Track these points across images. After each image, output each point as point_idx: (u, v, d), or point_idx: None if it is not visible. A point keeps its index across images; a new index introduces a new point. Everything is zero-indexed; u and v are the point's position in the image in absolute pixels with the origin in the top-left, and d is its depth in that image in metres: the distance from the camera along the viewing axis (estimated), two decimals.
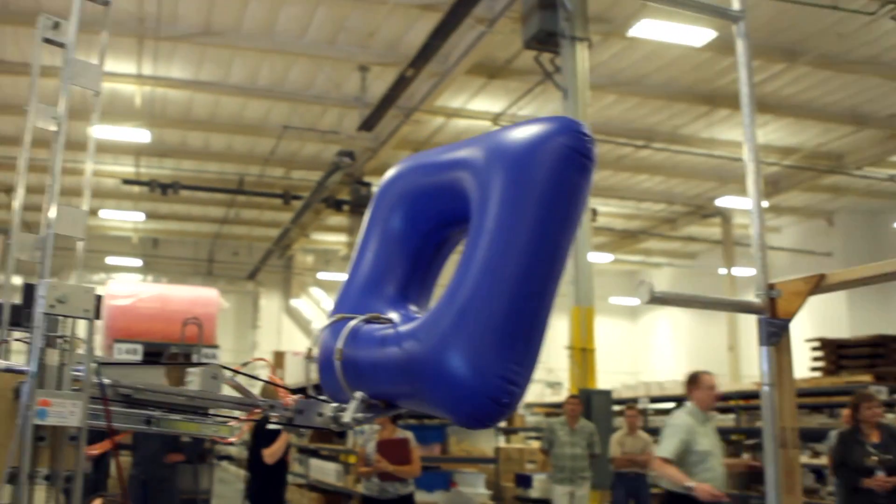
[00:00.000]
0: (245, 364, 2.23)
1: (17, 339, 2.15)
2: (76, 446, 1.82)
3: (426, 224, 2.35)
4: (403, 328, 2.12)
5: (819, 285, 2.38)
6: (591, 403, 8.46)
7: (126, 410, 1.93)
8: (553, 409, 14.91)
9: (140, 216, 19.22)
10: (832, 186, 16.67)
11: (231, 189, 16.42)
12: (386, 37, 11.27)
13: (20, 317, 2.20)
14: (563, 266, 2.02)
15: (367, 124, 12.31)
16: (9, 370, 1.81)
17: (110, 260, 20.92)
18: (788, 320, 2.40)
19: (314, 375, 2.30)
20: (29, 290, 1.86)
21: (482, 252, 1.97)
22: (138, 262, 21.64)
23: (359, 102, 12.52)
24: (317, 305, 20.88)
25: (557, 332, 10.92)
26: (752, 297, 2.53)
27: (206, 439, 7.37)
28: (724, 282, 18.63)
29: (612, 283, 22.56)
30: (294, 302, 21.60)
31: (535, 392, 21.46)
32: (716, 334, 19.47)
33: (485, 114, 13.30)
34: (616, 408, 9.76)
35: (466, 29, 10.34)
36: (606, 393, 8.98)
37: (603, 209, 17.64)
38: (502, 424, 16.25)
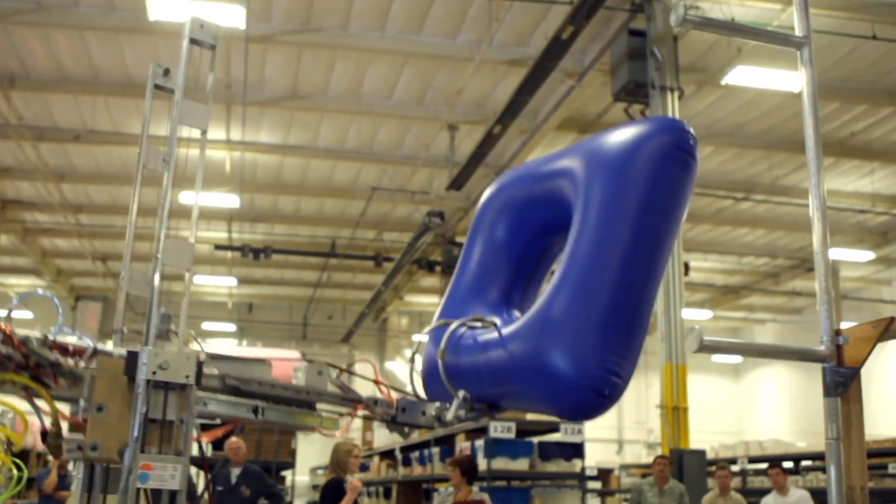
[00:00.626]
0: (350, 364, 2.16)
1: None
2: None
3: (529, 232, 2.42)
4: (506, 330, 2.14)
5: (889, 330, 2.15)
6: (683, 464, 8.07)
7: (235, 400, 1.95)
8: (646, 470, 14.35)
9: (233, 281, 19.54)
10: None
11: (323, 252, 16.52)
12: (473, 95, 11.20)
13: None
14: (665, 262, 2.00)
15: (457, 183, 12.20)
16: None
17: (206, 325, 21.29)
18: (857, 368, 2.20)
19: (417, 378, 2.34)
20: (132, 358, 1.80)
21: (583, 249, 1.98)
22: (233, 328, 21.95)
23: (448, 162, 12.45)
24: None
25: (655, 391, 10.52)
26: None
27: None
28: None
29: None
30: (389, 364, 21.50)
31: (633, 453, 20.70)
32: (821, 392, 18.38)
33: None
34: (711, 468, 9.27)
35: (555, 83, 10.18)
36: (700, 453, 8.51)
37: (703, 265, 17.06)
38: (597, 485, 15.76)
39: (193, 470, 6.15)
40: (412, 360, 2.33)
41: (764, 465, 11.40)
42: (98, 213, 15.42)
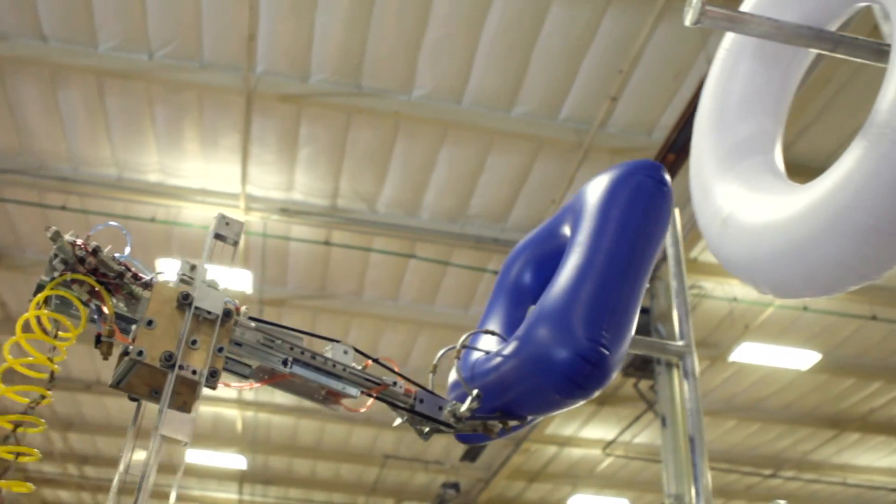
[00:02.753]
0: (377, 359, 2.25)
1: None
2: None
3: (552, 272, 2.53)
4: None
5: None
6: None
7: (269, 350, 1.97)
8: None
9: None
10: None
11: None
12: None
13: None
14: (648, 267, 2.15)
15: (471, 454, 11.95)
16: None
17: None
18: None
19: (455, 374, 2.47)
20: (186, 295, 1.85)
21: (573, 256, 2.17)
22: None
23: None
24: None
25: None
26: None
27: None
28: None
29: None
30: None
31: None
32: None
33: (598, 441, 12.82)
34: None
35: None
36: None
37: None
38: None
39: None
40: (434, 370, 2.41)
41: None
42: (104, 465, 15.22)
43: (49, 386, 1.79)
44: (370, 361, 2.25)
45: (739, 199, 1.88)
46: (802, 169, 4.59)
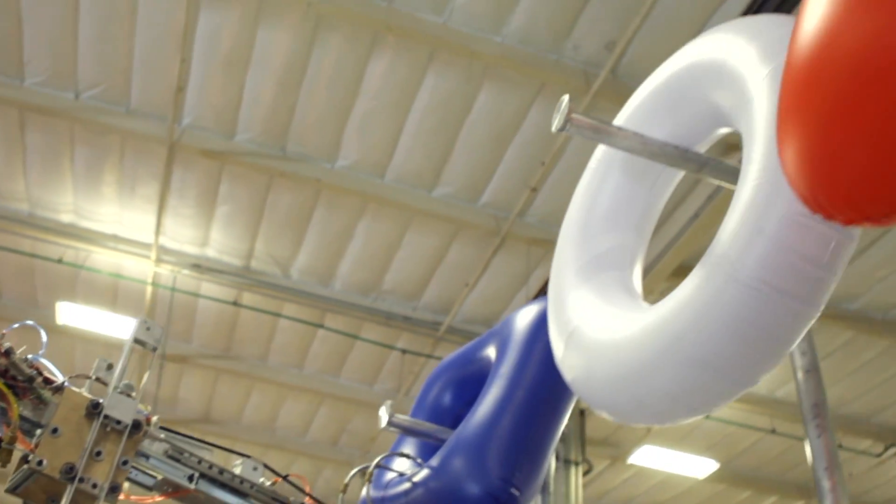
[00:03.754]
0: (286, 476, 2.24)
1: None
2: None
3: (469, 396, 2.68)
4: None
5: None
6: None
7: (176, 463, 1.93)
8: None
9: None
10: None
11: None
12: (386, 444, 11.01)
13: None
14: (567, 406, 2.25)
15: None
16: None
17: None
18: None
19: None
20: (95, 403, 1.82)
21: (494, 388, 2.27)
22: None
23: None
24: None
25: None
26: None
27: None
28: None
29: None
30: None
31: None
32: None
33: None
34: None
35: None
36: None
37: None
38: None
39: None
40: (344, 490, 2.51)
41: None
42: None
43: None
44: (279, 479, 2.25)
45: (588, 313, 1.83)
46: None
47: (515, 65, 6.44)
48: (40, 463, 1.68)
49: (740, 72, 1.61)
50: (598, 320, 1.80)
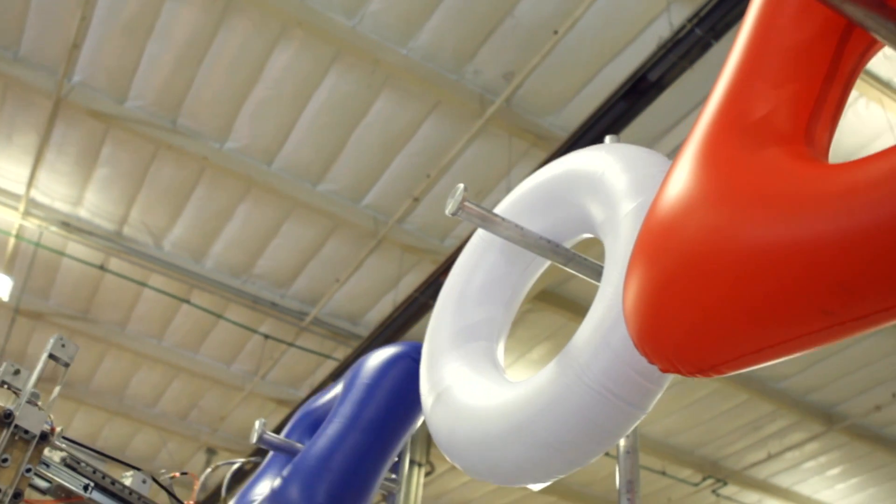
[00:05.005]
0: (172, 477, 2.49)
1: None
2: None
3: None
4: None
5: None
6: None
7: (73, 472, 2.01)
8: None
9: None
10: None
11: None
12: (238, 423, 11.05)
13: None
14: (397, 445, 2.51)
15: None
16: None
17: None
18: None
19: None
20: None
21: (331, 426, 2.51)
22: None
23: (203, 487, 11.89)
24: None
25: None
26: None
27: None
28: None
29: None
30: None
31: None
32: None
33: None
34: None
35: None
36: None
37: None
38: None
39: None
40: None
41: None
42: None
43: None
44: (178, 473, 2.59)
45: (459, 377, 2.04)
46: None
47: (416, 78, 6.65)
48: None
49: (611, 198, 1.88)
50: (467, 386, 2.02)
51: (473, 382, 2.00)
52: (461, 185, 1.97)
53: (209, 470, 2.71)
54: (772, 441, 10.17)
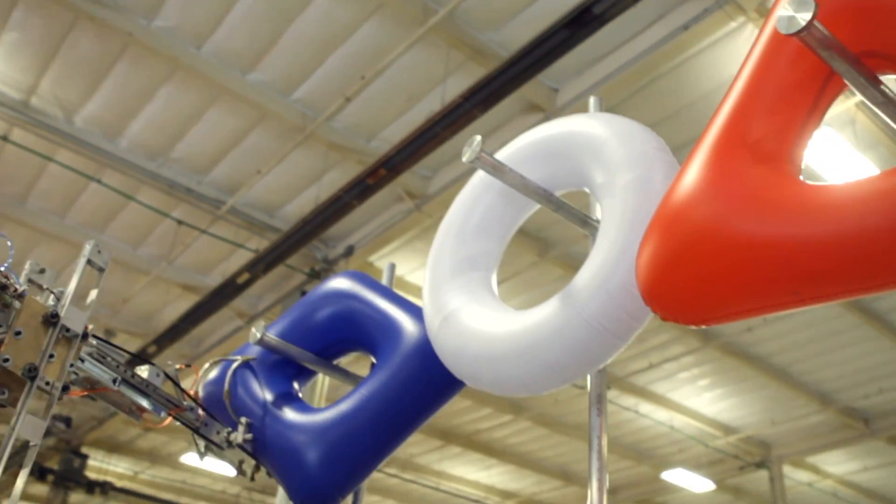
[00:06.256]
0: (179, 368, 2.60)
1: None
2: None
3: (351, 336, 2.85)
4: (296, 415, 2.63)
5: None
6: None
7: (102, 367, 2.24)
8: None
9: None
10: None
11: None
12: (141, 307, 10.91)
13: None
14: (412, 427, 2.54)
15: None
16: None
17: None
18: None
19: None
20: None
21: (367, 386, 2.53)
22: None
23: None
24: None
25: None
26: None
27: None
28: None
29: None
30: None
31: None
32: None
33: None
34: None
35: (224, 319, 10.24)
36: None
37: None
38: None
39: None
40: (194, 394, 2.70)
41: None
42: None
43: None
44: (184, 365, 2.73)
45: (462, 302, 2.33)
46: None
47: None
48: (6, 360, 1.92)
49: (611, 166, 2.19)
50: (473, 311, 2.31)
51: (478, 309, 2.31)
52: (478, 137, 2.16)
53: (206, 365, 2.80)
54: (653, 352, 10.80)
